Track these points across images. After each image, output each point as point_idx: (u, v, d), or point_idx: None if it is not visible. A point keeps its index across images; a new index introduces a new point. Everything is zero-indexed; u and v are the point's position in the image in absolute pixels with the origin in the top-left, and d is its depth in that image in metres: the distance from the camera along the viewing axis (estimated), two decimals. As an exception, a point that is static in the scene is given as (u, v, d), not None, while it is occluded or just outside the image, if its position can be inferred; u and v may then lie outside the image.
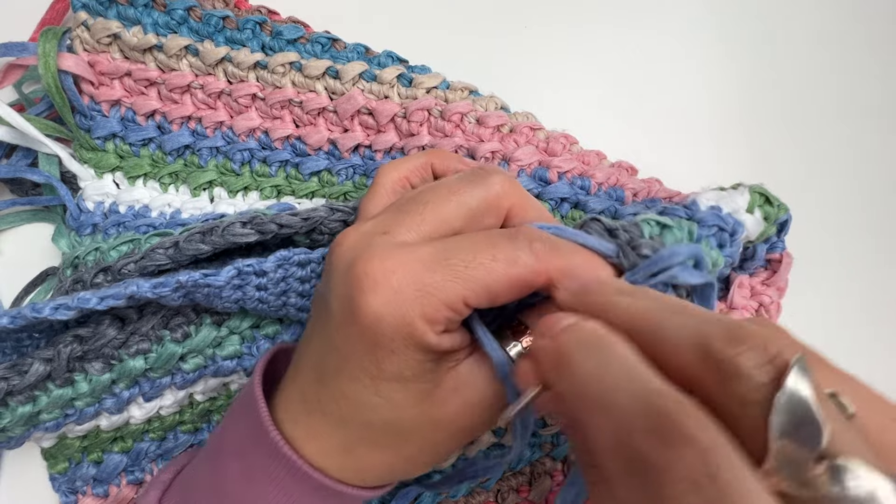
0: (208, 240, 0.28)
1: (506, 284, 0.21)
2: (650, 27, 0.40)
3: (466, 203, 0.23)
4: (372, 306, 0.21)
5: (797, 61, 0.40)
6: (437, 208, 0.23)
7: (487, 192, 0.24)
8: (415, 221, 0.23)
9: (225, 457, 0.25)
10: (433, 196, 0.23)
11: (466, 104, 0.33)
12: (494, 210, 0.24)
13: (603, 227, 0.23)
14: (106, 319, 0.29)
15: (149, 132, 0.35)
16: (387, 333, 0.21)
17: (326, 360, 0.23)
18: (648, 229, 0.23)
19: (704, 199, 0.27)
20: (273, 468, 0.23)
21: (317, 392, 0.23)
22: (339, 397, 0.23)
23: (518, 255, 0.21)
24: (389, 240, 0.22)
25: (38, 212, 0.37)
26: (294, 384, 0.24)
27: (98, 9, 0.34)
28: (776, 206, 0.28)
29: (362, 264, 0.21)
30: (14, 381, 0.27)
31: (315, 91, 0.34)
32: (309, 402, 0.23)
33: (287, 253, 0.28)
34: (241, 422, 0.25)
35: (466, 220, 0.23)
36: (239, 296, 0.28)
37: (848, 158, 0.39)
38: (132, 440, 0.33)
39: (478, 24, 0.40)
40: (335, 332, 0.22)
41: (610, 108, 0.39)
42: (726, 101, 0.40)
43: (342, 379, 0.22)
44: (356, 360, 0.22)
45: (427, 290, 0.21)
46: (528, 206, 0.25)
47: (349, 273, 0.22)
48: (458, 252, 0.21)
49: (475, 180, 0.24)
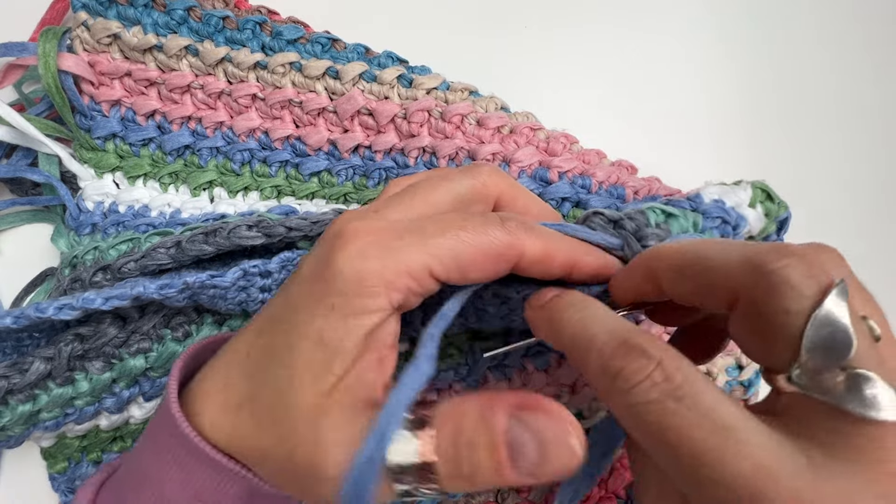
0: (212, 241, 0.28)
1: (474, 255, 0.21)
2: (650, 27, 0.40)
3: (455, 189, 0.24)
4: (336, 262, 0.21)
5: (797, 61, 0.40)
6: (426, 193, 0.24)
7: (475, 180, 0.25)
8: (404, 203, 0.24)
9: (142, 440, 0.24)
10: (425, 183, 0.24)
11: (466, 105, 0.33)
12: (482, 198, 0.25)
13: (606, 219, 0.24)
14: (107, 318, 0.29)
15: (149, 132, 0.35)
16: (338, 287, 0.21)
17: (274, 312, 0.23)
18: (654, 217, 0.24)
19: (708, 192, 0.27)
20: (170, 441, 0.22)
21: (250, 343, 0.23)
22: (266, 348, 0.22)
23: (488, 229, 0.22)
24: (377, 216, 0.23)
25: (37, 212, 0.37)
26: (231, 343, 0.24)
27: (98, 9, 0.34)
28: (777, 204, 0.28)
29: (342, 229, 0.22)
30: (14, 379, 0.27)
31: (315, 91, 0.34)
32: (238, 353, 0.23)
33: (291, 254, 0.28)
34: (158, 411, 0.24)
35: (454, 205, 0.24)
36: (243, 297, 0.28)
37: (847, 158, 0.39)
38: (131, 440, 0.33)
39: (478, 24, 0.40)
40: (293, 285, 0.23)
41: (610, 108, 0.39)
42: (726, 100, 0.40)
43: (277, 332, 0.22)
44: (297, 313, 0.21)
45: (391, 254, 0.21)
46: (516, 195, 0.26)
47: (331, 237, 0.22)
48: (429, 223, 0.22)
49: (465, 171, 0.25)
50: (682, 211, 0.25)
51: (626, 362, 0.19)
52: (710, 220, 0.25)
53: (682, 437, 0.17)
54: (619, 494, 0.31)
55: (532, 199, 0.27)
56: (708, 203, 0.26)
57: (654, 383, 0.18)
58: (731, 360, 0.30)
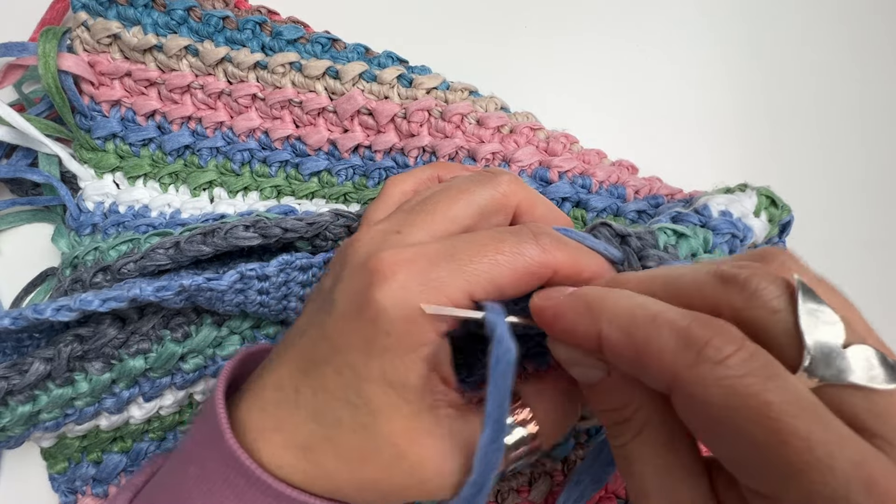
0: (210, 242, 0.28)
1: (511, 277, 0.21)
2: (650, 27, 0.40)
3: (475, 202, 0.24)
4: (377, 300, 0.21)
5: (792, 62, 0.40)
6: (447, 207, 0.24)
7: (495, 191, 0.24)
8: (425, 221, 0.23)
9: (185, 460, 0.24)
10: (443, 196, 0.24)
11: (466, 105, 0.33)
12: (503, 208, 0.25)
13: (613, 232, 0.23)
14: (106, 319, 0.29)
15: (149, 132, 0.35)
16: (385, 328, 0.21)
17: (316, 351, 0.23)
18: (664, 238, 0.24)
19: (715, 203, 0.27)
20: (227, 472, 0.22)
21: (296, 381, 0.23)
22: (318, 389, 0.22)
23: (523, 248, 0.22)
24: (402, 238, 0.23)
25: (37, 212, 0.37)
26: (271, 374, 0.24)
27: (98, 9, 0.34)
28: (780, 208, 0.28)
29: (374, 260, 0.21)
30: (14, 380, 0.27)
31: (315, 91, 0.34)
32: (285, 390, 0.23)
33: (289, 257, 0.28)
34: (204, 424, 0.24)
35: (476, 218, 0.24)
36: (241, 300, 0.28)
37: (846, 158, 0.39)
38: (132, 440, 0.33)
39: (478, 24, 0.40)
40: (333, 323, 0.22)
41: (610, 108, 0.39)
42: (726, 100, 0.40)
43: (327, 371, 0.22)
44: (346, 354, 0.22)
45: (432, 285, 0.21)
46: (535, 203, 0.26)
47: (362, 268, 0.22)
48: (463, 247, 0.22)
49: (483, 180, 0.25)
50: (693, 228, 0.25)
51: (714, 333, 0.17)
52: (719, 235, 0.25)
53: (783, 417, 0.16)
54: (620, 494, 0.31)
55: (549, 207, 0.26)
56: (717, 217, 0.26)
57: (745, 359, 0.17)
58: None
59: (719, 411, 0.17)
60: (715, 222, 0.26)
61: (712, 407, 0.17)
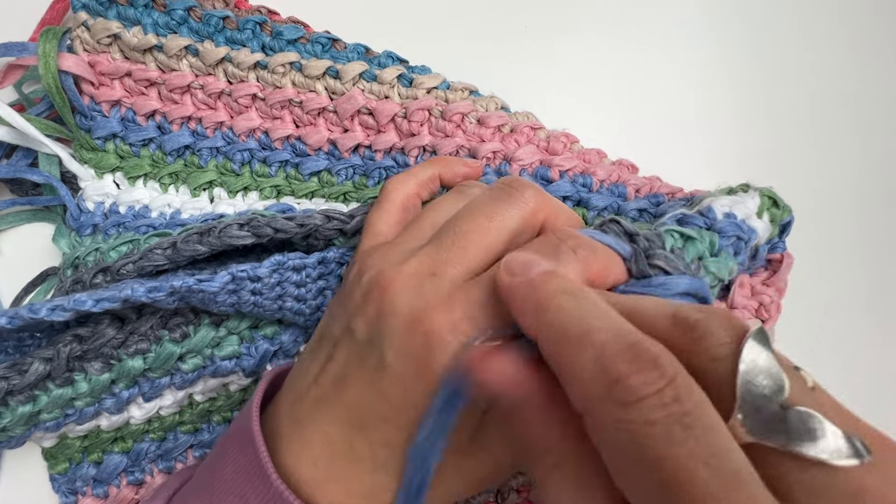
0: (205, 241, 0.28)
1: None
2: (650, 27, 0.40)
3: (507, 227, 0.23)
4: (443, 364, 0.20)
5: (792, 61, 0.40)
6: (479, 239, 0.23)
7: (524, 211, 0.24)
8: (458, 256, 0.22)
9: (221, 493, 0.23)
10: (472, 225, 0.23)
11: (467, 104, 0.33)
12: (532, 227, 0.24)
13: (622, 229, 0.23)
14: (105, 319, 0.29)
15: (149, 132, 0.35)
16: None
17: (371, 408, 0.22)
18: (671, 241, 0.23)
19: (719, 205, 0.27)
20: None
21: (349, 437, 0.22)
22: (381, 446, 0.22)
23: (567, 271, 0.21)
24: (441, 283, 0.22)
25: (38, 212, 0.37)
26: (316, 426, 0.23)
27: (98, 9, 0.34)
28: (782, 209, 0.28)
29: (427, 322, 0.21)
30: (14, 380, 0.27)
31: (315, 91, 0.34)
32: (335, 445, 0.23)
33: (282, 258, 0.28)
34: (238, 457, 0.24)
35: (508, 243, 0.23)
36: (234, 300, 0.28)
37: (849, 158, 0.39)
38: (132, 440, 0.33)
39: (478, 24, 0.40)
40: (390, 383, 0.22)
41: (610, 108, 0.39)
42: (726, 100, 0.40)
43: (389, 429, 0.22)
44: (409, 412, 0.21)
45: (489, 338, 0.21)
46: (558, 214, 0.25)
47: (413, 330, 0.21)
48: None
49: (509, 200, 0.24)
50: (699, 231, 0.25)
51: (633, 370, 0.16)
52: (725, 238, 0.25)
53: (684, 472, 0.14)
54: None
55: (569, 215, 0.26)
56: (722, 220, 0.26)
57: (663, 403, 0.15)
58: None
59: (617, 454, 0.16)
60: (720, 225, 0.26)
61: (611, 446, 0.16)
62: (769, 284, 0.31)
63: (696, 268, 0.24)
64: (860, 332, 0.37)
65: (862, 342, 0.37)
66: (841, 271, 0.38)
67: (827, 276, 0.37)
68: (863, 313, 0.37)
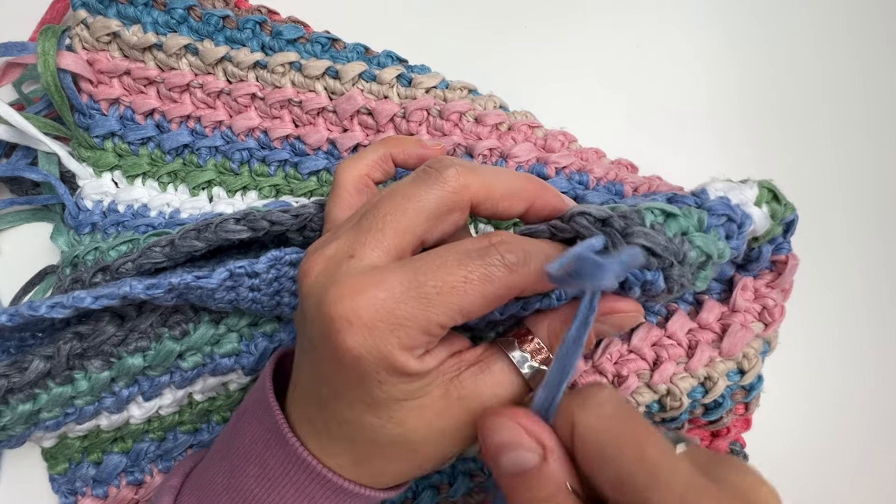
0: (203, 236, 0.28)
1: (482, 304, 0.21)
2: (650, 25, 0.40)
3: (424, 208, 0.23)
4: (349, 346, 0.21)
5: (795, 59, 0.40)
6: (396, 220, 0.22)
7: (442, 190, 0.23)
8: (376, 238, 0.22)
9: (241, 460, 0.25)
10: (389, 207, 0.23)
11: (465, 103, 0.33)
12: (456, 206, 0.23)
13: (593, 219, 0.23)
14: (105, 316, 0.29)
15: (148, 131, 0.35)
16: (369, 368, 0.21)
17: (320, 390, 0.23)
18: (651, 217, 0.23)
19: (713, 188, 0.26)
20: (292, 472, 0.24)
21: (319, 416, 0.24)
22: (341, 422, 0.23)
23: (492, 272, 0.21)
24: (356, 265, 0.22)
25: (37, 211, 0.37)
26: (297, 406, 0.25)
27: (98, 7, 0.34)
28: (783, 205, 0.27)
29: (333, 304, 0.21)
30: (14, 378, 0.27)
31: (315, 91, 0.34)
32: (314, 423, 0.24)
33: (279, 253, 0.27)
34: (255, 426, 0.25)
35: (428, 224, 0.23)
36: (232, 297, 0.28)
37: (850, 156, 0.39)
38: (132, 440, 0.33)
39: (478, 23, 0.40)
40: (322, 365, 0.22)
41: (609, 108, 0.39)
42: (727, 99, 0.40)
43: (340, 406, 0.23)
44: (348, 391, 0.22)
45: (400, 323, 0.21)
46: (492, 186, 0.24)
47: (322, 312, 0.21)
48: (428, 278, 0.21)
49: (427, 179, 0.23)
50: (686, 209, 0.24)
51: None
52: (715, 217, 0.25)
53: None
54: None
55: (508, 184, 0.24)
56: (713, 199, 0.26)
57: None
58: (733, 365, 0.30)
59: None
60: (710, 203, 0.25)
61: None
62: (773, 287, 0.31)
63: (679, 242, 0.23)
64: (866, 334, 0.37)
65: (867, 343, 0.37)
66: (851, 266, 0.37)
67: (836, 272, 0.37)
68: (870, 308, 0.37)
